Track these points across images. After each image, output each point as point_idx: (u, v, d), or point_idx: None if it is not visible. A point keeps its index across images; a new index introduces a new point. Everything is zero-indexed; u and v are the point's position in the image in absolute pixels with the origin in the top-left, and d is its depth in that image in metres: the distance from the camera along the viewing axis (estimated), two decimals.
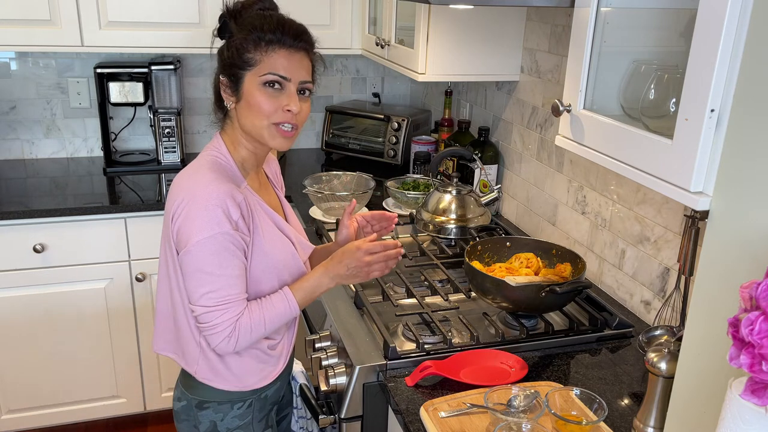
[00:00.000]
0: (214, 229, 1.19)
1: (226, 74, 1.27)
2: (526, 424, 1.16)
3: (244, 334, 1.26)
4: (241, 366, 1.35)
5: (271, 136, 1.27)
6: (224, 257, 1.21)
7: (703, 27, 0.90)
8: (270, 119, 1.25)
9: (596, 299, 1.68)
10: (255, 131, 1.27)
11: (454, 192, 2.04)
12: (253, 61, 1.24)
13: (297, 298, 1.32)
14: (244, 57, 1.24)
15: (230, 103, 1.29)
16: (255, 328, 1.27)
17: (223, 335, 1.24)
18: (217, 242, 1.20)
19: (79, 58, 2.74)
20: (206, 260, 1.21)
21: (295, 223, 1.47)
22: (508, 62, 2.14)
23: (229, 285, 1.23)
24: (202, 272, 1.21)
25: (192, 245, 1.20)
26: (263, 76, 1.23)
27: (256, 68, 1.24)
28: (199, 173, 1.25)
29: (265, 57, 1.23)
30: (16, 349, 2.38)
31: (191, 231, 1.20)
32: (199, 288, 1.22)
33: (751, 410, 0.73)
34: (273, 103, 1.24)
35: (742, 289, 0.73)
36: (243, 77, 1.25)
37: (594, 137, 1.21)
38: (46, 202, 2.32)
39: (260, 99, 1.24)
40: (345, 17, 2.64)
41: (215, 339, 1.25)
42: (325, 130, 2.95)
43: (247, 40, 1.24)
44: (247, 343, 1.28)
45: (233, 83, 1.27)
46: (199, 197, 1.21)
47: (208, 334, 1.25)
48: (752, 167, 0.82)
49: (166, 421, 2.69)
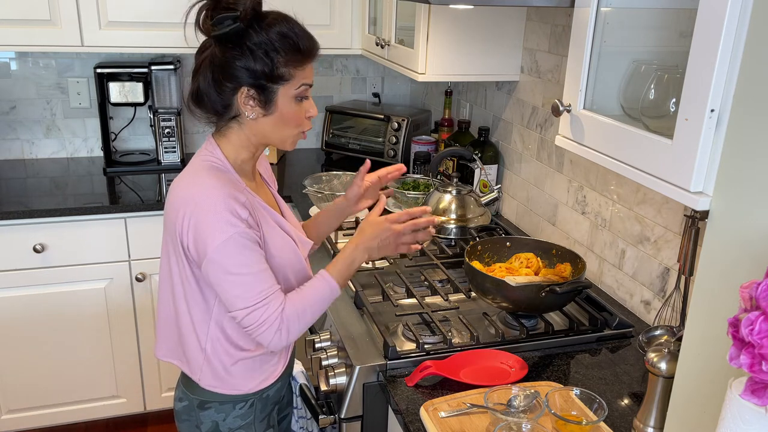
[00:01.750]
0: (228, 231, 1.19)
1: (254, 87, 1.23)
2: (526, 424, 1.16)
3: (293, 324, 1.25)
4: (244, 371, 1.35)
5: (293, 143, 1.31)
6: (246, 255, 1.21)
7: (703, 27, 0.90)
8: (300, 128, 1.29)
9: (596, 299, 1.68)
10: (279, 140, 1.29)
11: (454, 192, 2.04)
12: (288, 75, 1.23)
13: (335, 276, 1.32)
14: (279, 72, 1.22)
15: (254, 114, 1.25)
16: (301, 316, 1.27)
17: (272, 330, 1.23)
18: (236, 242, 1.19)
19: (79, 58, 2.74)
20: (230, 262, 1.20)
21: (292, 219, 1.47)
22: (508, 62, 2.14)
23: (260, 280, 1.23)
24: (229, 274, 1.20)
25: (211, 252, 1.19)
26: (298, 90, 1.25)
27: (290, 82, 1.24)
28: (197, 180, 1.23)
29: (299, 71, 1.24)
30: (16, 349, 2.38)
31: (207, 240, 1.19)
32: (231, 291, 1.21)
33: (751, 410, 0.73)
34: (302, 113, 1.28)
35: (742, 289, 0.73)
36: (276, 91, 1.24)
37: (594, 137, 1.21)
38: (46, 202, 2.32)
39: (296, 112, 1.27)
40: (345, 17, 2.64)
41: (266, 336, 1.24)
42: (325, 130, 2.95)
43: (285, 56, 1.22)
44: (297, 332, 1.27)
45: (263, 96, 1.24)
46: (204, 205, 1.19)
47: (257, 334, 1.24)
48: (752, 167, 0.82)
49: (166, 421, 2.69)
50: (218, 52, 1.23)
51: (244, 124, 1.28)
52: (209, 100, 1.27)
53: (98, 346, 2.47)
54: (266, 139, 1.30)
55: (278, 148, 1.32)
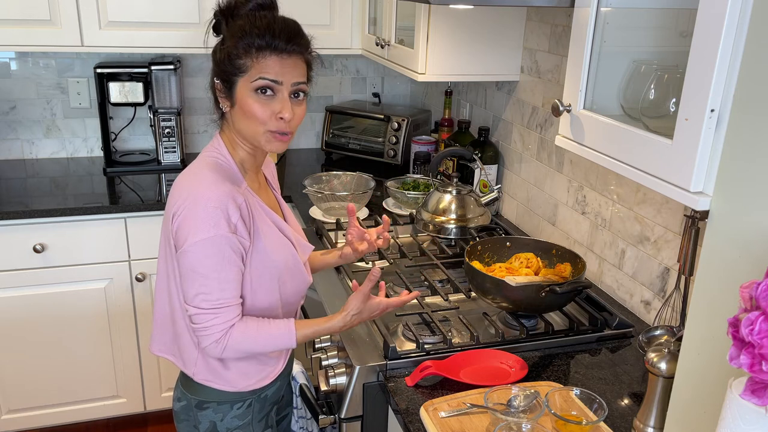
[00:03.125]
0: (211, 231, 1.19)
1: (219, 78, 1.25)
2: (526, 424, 1.16)
3: (233, 344, 1.25)
4: (240, 367, 1.35)
5: (267, 141, 1.25)
6: (219, 260, 1.21)
7: (703, 27, 0.90)
8: (265, 126, 1.23)
9: (596, 299, 1.68)
10: (251, 136, 1.26)
11: (454, 192, 2.04)
12: (244, 67, 1.21)
13: (299, 335, 1.31)
14: (235, 63, 1.21)
15: (225, 106, 1.28)
16: (244, 343, 1.26)
17: (212, 338, 1.24)
18: (214, 245, 1.19)
19: (79, 58, 2.74)
20: (202, 262, 1.20)
21: (294, 224, 1.47)
22: (508, 62, 2.14)
23: (222, 289, 1.22)
24: (196, 273, 1.21)
25: (189, 245, 1.20)
26: (254, 82, 1.20)
27: (247, 74, 1.21)
28: (200, 174, 1.25)
29: (256, 62, 1.20)
30: (16, 349, 2.38)
31: (189, 231, 1.20)
32: (193, 288, 1.22)
33: (751, 410, 0.73)
34: (266, 110, 1.22)
35: (742, 289, 0.73)
36: (235, 83, 1.23)
37: (594, 137, 1.21)
38: (46, 202, 2.32)
39: (253, 106, 1.21)
40: (345, 17, 2.64)
41: (205, 341, 1.25)
42: (325, 130, 2.95)
43: (238, 46, 1.20)
44: (234, 354, 1.27)
45: (226, 88, 1.25)
46: (199, 198, 1.20)
47: (199, 335, 1.25)
48: (752, 167, 0.82)
49: (166, 421, 2.69)
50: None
51: (228, 119, 1.31)
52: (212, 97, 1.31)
53: (98, 346, 2.47)
54: (240, 134, 1.29)
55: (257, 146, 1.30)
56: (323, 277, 1.81)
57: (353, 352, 1.44)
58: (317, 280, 1.78)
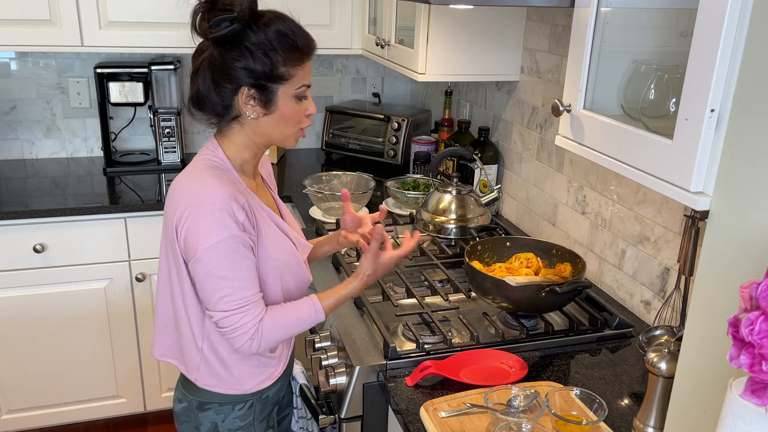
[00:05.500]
0: (222, 234, 1.19)
1: (254, 87, 1.23)
2: (526, 424, 1.16)
3: (267, 335, 1.26)
4: (242, 370, 1.35)
5: (296, 139, 1.33)
6: (235, 260, 1.21)
7: (703, 27, 0.90)
8: (299, 125, 1.30)
9: (596, 299, 1.68)
10: (280, 138, 1.30)
11: (454, 192, 2.04)
12: (288, 75, 1.24)
13: (324, 305, 1.33)
14: (279, 71, 1.22)
15: (254, 114, 1.26)
16: (277, 332, 1.27)
17: (246, 337, 1.24)
18: (227, 246, 1.19)
19: (79, 58, 2.74)
20: (218, 264, 1.20)
21: (293, 222, 1.47)
22: (508, 62, 2.14)
23: (244, 287, 1.23)
24: (215, 277, 1.21)
25: (202, 252, 1.19)
26: (299, 90, 1.26)
27: (290, 82, 1.24)
28: (198, 178, 1.24)
29: (298, 71, 1.25)
30: (16, 349, 2.38)
31: (199, 238, 1.19)
32: (215, 293, 1.22)
33: (751, 410, 0.73)
34: (302, 111, 1.29)
35: (742, 289, 0.73)
36: (276, 91, 1.24)
37: (594, 137, 1.21)
38: (46, 202, 2.32)
39: (296, 111, 1.28)
40: (345, 17, 2.64)
41: (239, 341, 1.24)
42: (325, 130, 2.95)
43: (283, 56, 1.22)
44: (269, 345, 1.27)
45: (263, 96, 1.24)
46: (202, 203, 1.19)
47: (230, 336, 1.24)
48: (752, 167, 0.82)
49: (166, 421, 2.69)
50: (216, 54, 1.22)
51: (245, 124, 1.28)
52: (210, 102, 1.26)
53: (98, 346, 2.47)
54: (268, 138, 1.30)
55: (279, 145, 1.33)
56: (323, 277, 1.81)
57: (353, 352, 1.44)
58: (317, 280, 1.78)
